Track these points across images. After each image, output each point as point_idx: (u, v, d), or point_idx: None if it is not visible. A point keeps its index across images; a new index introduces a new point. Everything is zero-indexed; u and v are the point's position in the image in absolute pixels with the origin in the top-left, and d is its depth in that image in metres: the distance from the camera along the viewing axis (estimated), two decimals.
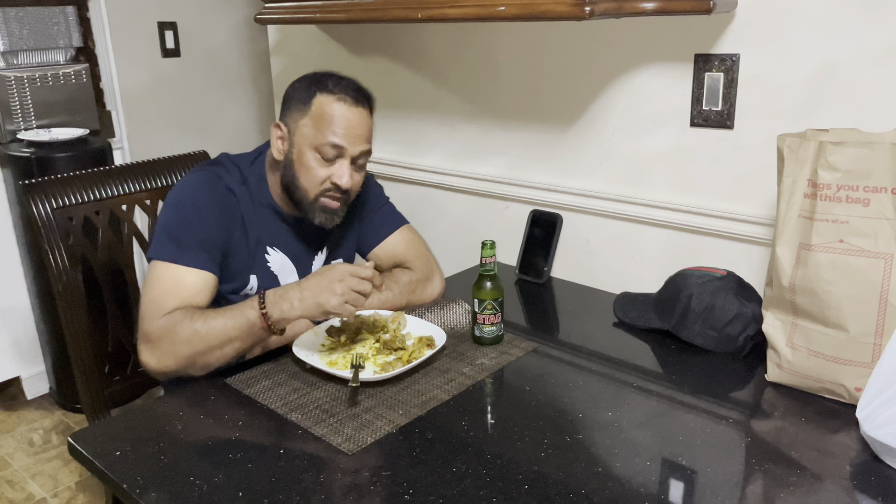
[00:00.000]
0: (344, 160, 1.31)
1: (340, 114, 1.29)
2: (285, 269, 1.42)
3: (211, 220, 1.30)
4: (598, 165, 1.72)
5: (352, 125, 1.30)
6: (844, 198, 1.13)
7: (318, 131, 1.29)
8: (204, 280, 1.28)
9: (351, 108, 1.30)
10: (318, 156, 1.30)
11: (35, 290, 2.60)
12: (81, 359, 1.52)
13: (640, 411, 1.17)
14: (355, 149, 1.31)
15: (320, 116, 1.29)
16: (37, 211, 1.48)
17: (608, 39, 1.63)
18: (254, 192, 1.38)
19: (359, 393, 1.21)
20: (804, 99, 1.40)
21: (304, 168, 1.31)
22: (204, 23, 3.13)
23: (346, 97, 1.30)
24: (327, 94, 1.30)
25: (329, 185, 1.31)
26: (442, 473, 1.00)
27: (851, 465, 1.02)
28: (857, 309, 1.12)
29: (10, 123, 2.59)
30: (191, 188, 1.33)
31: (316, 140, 1.29)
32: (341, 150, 1.30)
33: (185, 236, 1.27)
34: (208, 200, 1.31)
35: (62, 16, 2.79)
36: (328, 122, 1.29)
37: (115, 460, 1.05)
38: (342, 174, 1.31)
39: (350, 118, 1.29)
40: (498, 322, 1.38)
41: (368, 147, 1.34)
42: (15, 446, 2.44)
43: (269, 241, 1.40)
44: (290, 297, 1.21)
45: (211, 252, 1.29)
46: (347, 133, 1.29)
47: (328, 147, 1.29)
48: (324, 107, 1.29)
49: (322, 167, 1.30)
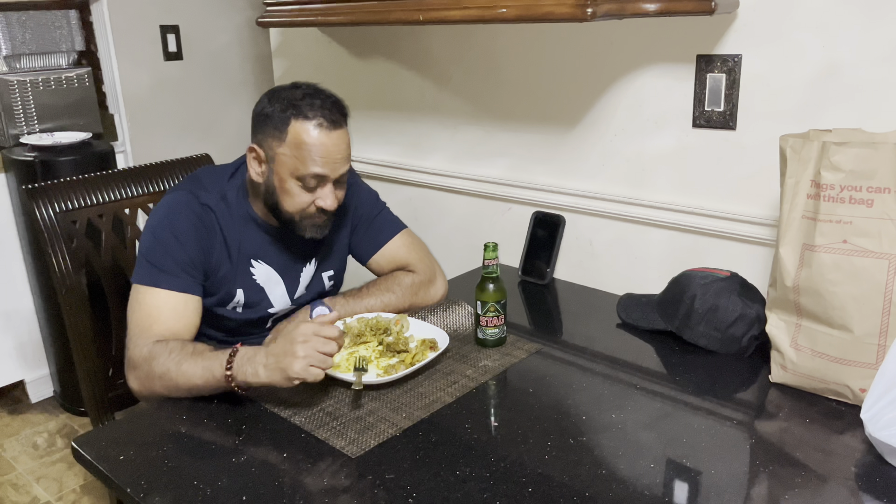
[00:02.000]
0: (327, 185, 1.29)
1: (320, 142, 1.25)
2: (271, 280, 1.41)
3: (188, 242, 1.31)
4: (601, 166, 1.72)
5: (331, 151, 1.26)
6: (848, 198, 1.13)
7: (299, 161, 1.26)
8: (185, 302, 1.29)
9: (329, 134, 1.26)
10: (301, 184, 1.28)
11: (39, 293, 2.60)
12: (85, 362, 1.52)
13: (644, 413, 1.16)
14: (337, 173, 1.29)
15: (298, 146, 1.25)
16: (40, 215, 1.48)
17: (610, 41, 1.63)
18: (234, 207, 1.37)
19: (362, 396, 1.21)
20: (807, 99, 1.39)
21: (286, 194, 1.29)
22: (206, 26, 3.13)
23: (322, 121, 1.25)
24: (303, 120, 1.25)
25: (314, 209, 1.31)
26: (445, 476, 1.00)
27: (856, 466, 1.02)
28: (862, 309, 1.12)
29: (14, 127, 2.60)
30: (167, 211, 1.33)
31: (297, 171, 1.27)
32: (324, 178, 1.28)
33: (163, 260, 1.29)
34: (185, 222, 1.31)
35: (65, 20, 2.79)
36: (307, 151, 1.25)
37: (119, 464, 1.05)
38: (326, 198, 1.29)
39: (329, 144, 1.26)
40: (501, 324, 1.38)
41: (349, 165, 1.33)
42: (19, 449, 2.45)
43: (253, 254, 1.39)
44: (256, 361, 1.14)
45: (191, 273, 1.31)
46: (328, 160, 1.26)
47: (310, 178, 1.27)
48: (301, 135, 1.25)
49: (305, 193, 1.29)
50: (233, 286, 1.38)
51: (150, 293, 1.28)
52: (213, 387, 1.17)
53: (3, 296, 2.59)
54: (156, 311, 1.27)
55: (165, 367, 1.19)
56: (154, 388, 1.22)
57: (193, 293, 1.31)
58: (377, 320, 1.41)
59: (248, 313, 1.42)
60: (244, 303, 1.40)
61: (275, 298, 1.43)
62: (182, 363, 1.18)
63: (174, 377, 1.18)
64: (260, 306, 1.42)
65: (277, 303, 1.43)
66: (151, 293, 1.28)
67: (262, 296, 1.41)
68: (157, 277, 1.28)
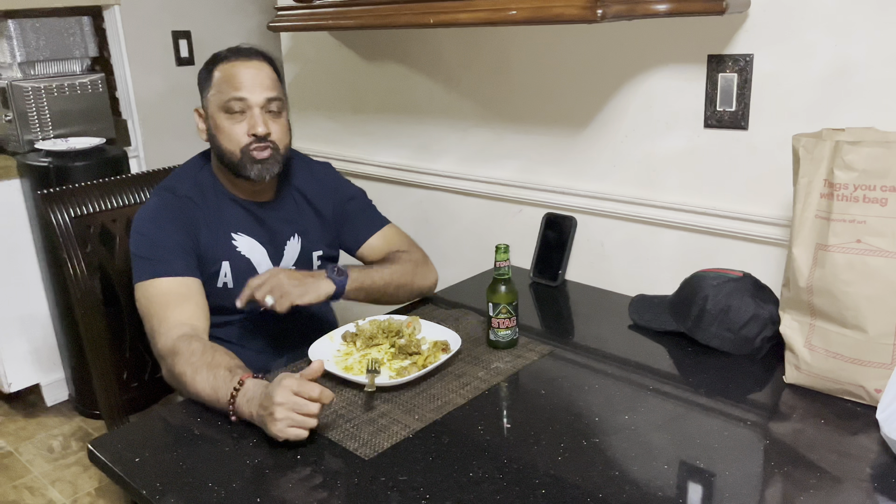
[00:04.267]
0: (253, 111, 1.37)
1: (235, 71, 1.38)
2: (255, 250, 1.47)
3: (172, 229, 1.38)
4: (612, 168, 1.72)
5: (248, 76, 1.37)
6: (861, 197, 1.12)
7: (222, 94, 1.38)
8: (187, 285, 1.35)
9: (244, 63, 1.38)
10: (227, 115, 1.37)
11: (54, 297, 2.63)
12: (100, 365, 1.53)
13: (657, 414, 1.16)
14: (259, 97, 1.37)
15: (220, 81, 1.38)
16: (55, 220, 1.50)
17: (620, 41, 1.63)
18: (208, 189, 1.45)
19: (374, 398, 1.21)
20: (819, 98, 1.39)
21: (221, 132, 1.39)
22: (217, 31, 3.15)
23: (238, 57, 1.40)
24: (222, 62, 1.40)
25: (249, 139, 1.37)
26: (458, 478, 1.00)
27: (872, 467, 1.01)
28: (876, 309, 1.11)
29: (28, 133, 2.63)
30: (146, 209, 1.42)
31: (221, 103, 1.37)
32: (244, 101, 1.37)
33: (153, 251, 1.35)
34: (165, 212, 1.40)
35: (78, 26, 2.82)
36: (227, 82, 1.37)
37: (135, 466, 1.06)
38: (255, 122, 1.36)
39: (245, 72, 1.37)
40: (513, 326, 1.38)
41: (275, 94, 1.40)
42: (35, 453, 2.47)
43: (234, 228, 1.45)
44: (253, 405, 1.10)
45: (184, 257, 1.36)
46: (246, 84, 1.36)
47: (232, 102, 1.36)
48: (221, 73, 1.39)
49: (236, 124, 1.37)
50: (218, 260, 1.43)
51: (152, 285, 1.33)
52: (215, 407, 1.17)
53: (19, 300, 2.62)
54: (164, 298, 1.32)
55: (183, 370, 1.21)
56: (176, 384, 1.25)
57: (192, 276, 1.37)
58: (389, 322, 1.41)
59: (240, 290, 1.42)
60: (232, 276, 1.44)
61: (261, 267, 1.47)
62: (197, 373, 1.19)
63: (188, 383, 1.20)
64: (249, 277, 1.42)
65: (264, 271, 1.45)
66: (153, 284, 1.33)
67: (249, 266, 1.46)
68: (154, 268, 1.34)
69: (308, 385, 1.06)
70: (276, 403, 1.05)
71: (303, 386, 1.06)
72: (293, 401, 1.05)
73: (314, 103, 2.42)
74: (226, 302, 1.42)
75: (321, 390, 1.07)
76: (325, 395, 1.07)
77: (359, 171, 2.26)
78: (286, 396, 1.05)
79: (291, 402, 1.05)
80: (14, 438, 2.56)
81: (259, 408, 1.08)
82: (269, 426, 1.06)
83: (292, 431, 1.05)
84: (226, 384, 1.15)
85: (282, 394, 1.05)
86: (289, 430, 1.05)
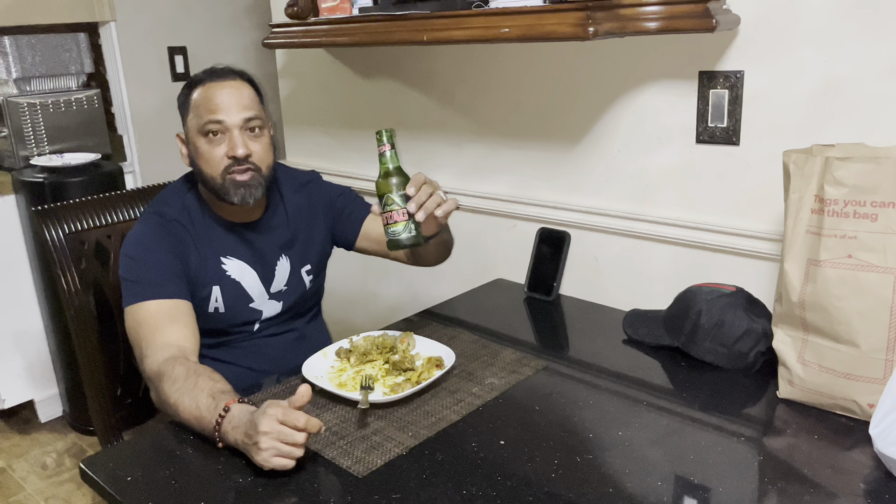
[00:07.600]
0: (231, 132, 1.34)
1: (211, 94, 1.35)
2: (245, 273, 1.45)
3: (161, 252, 1.35)
4: (605, 183, 1.73)
5: (224, 97, 1.34)
6: (852, 213, 1.13)
7: (199, 117, 1.35)
8: (176, 307, 1.32)
9: (220, 84, 1.36)
10: (206, 138, 1.35)
11: (48, 313, 2.62)
12: (94, 382, 1.53)
13: (651, 429, 1.16)
14: (235, 118, 1.34)
15: (197, 105, 1.36)
16: (49, 236, 1.50)
17: (612, 58, 1.64)
18: (195, 212, 1.43)
19: (368, 414, 1.21)
20: (809, 114, 1.40)
21: (202, 157, 1.36)
22: (213, 47, 3.17)
23: (213, 78, 1.37)
24: (198, 85, 1.37)
25: (228, 161, 1.35)
26: (452, 496, 1.00)
27: (865, 482, 1.01)
28: (868, 324, 1.11)
29: (24, 149, 2.63)
30: (134, 233, 1.40)
31: (199, 126, 1.35)
32: (221, 123, 1.34)
33: (142, 274, 1.33)
34: (154, 236, 1.37)
35: (74, 42, 2.83)
36: (203, 105, 1.35)
37: (127, 485, 1.06)
38: (235, 144, 1.33)
39: (220, 93, 1.34)
40: (405, 220, 1.25)
41: (253, 113, 1.36)
42: (28, 469, 2.45)
43: (223, 251, 1.43)
44: (238, 432, 1.07)
45: (172, 280, 1.34)
46: (222, 106, 1.33)
47: (209, 125, 1.34)
48: (198, 96, 1.36)
49: (215, 147, 1.35)
50: (208, 284, 1.41)
51: (141, 308, 1.31)
52: (199, 430, 1.15)
53: (13, 316, 2.61)
54: (152, 321, 1.30)
55: (168, 392, 1.19)
56: (162, 408, 1.23)
57: (182, 298, 1.34)
58: (383, 338, 1.41)
59: (232, 314, 1.43)
60: (224, 300, 1.42)
61: (252, 290, 1.45)
62: (183, 397, 1.16)
63: (174, 405, 1.17)
64: (240, 302, 1.43)
65: (255, 295, 1.45)
66: (142, 308, 1.31)
67: (240, 289, 1.43)
68: (143, 291, 1.32)
69: (294, 414, 1.02)
70: (261, 433, 1.01)
71: (288, 415, 1.01)
72: (278, 430, 1.01)
73: (309, 119, 2.43)
74: (217, 325, 1.42)
75: (307, 419, 1.02)
76: (312, 424, 1.02)
77: (353, 187, 2.24)
78: (271, 425, 1.01)
79: (276, 432, 1.01)
80: (7, 455, 2.55)
81: (244, 436, 1.05)
82: (253, 455, 1.03)
83: (277, 461, 1.02)
84: (209, 412, 1.11)
85: (266, 423, 1.01)
86: (273, 459, 1.02)
